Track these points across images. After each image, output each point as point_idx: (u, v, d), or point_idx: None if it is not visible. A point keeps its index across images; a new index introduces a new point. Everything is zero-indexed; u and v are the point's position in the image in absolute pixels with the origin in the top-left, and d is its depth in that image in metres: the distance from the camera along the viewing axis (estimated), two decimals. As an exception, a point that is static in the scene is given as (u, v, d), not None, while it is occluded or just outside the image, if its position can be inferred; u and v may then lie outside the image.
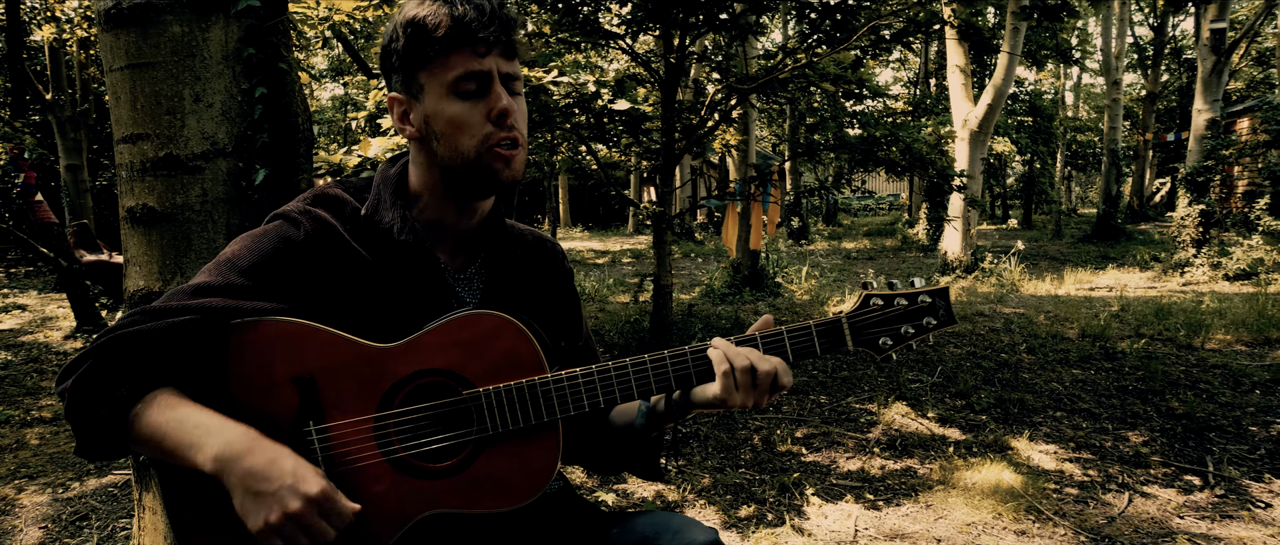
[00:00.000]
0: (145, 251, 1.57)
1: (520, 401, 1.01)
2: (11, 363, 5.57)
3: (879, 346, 1.07)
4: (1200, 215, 9.18)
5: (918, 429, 3.81)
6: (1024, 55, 10.26)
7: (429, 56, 1.03)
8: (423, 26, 1.02)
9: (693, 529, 0.99)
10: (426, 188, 1.13)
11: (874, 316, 1.08)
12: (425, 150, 1.10)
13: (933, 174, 5.43)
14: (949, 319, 1.09)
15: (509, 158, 1.06)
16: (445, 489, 1.01)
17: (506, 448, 1.02)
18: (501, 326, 1.03)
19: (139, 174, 1.55)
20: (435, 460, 1.02)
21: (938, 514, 2.88)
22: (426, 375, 1.02)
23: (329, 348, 1.01)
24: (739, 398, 1.01)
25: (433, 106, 1.05)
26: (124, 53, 1.54)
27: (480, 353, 1.02)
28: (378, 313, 1.06)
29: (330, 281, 1.05)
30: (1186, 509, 2.91)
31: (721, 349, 1.02)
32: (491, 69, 1.04)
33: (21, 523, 2.95)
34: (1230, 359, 4.84)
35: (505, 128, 1.05)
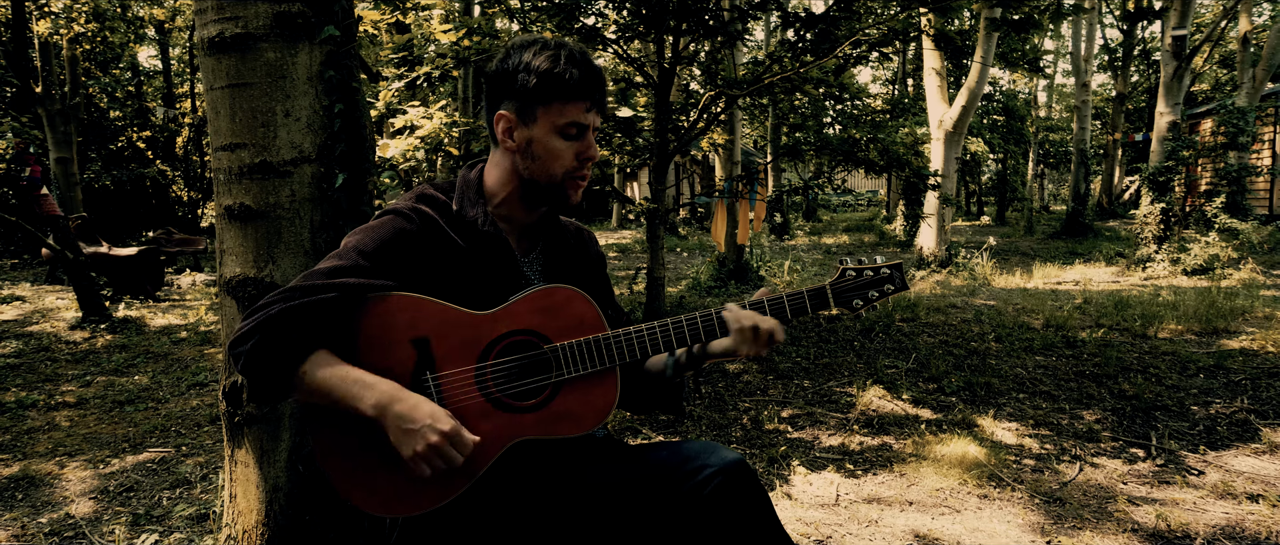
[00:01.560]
0: (241, 243, 1.84)
1: (588, 353, 1.31)
2: (24, 352, 5.75)
3: (853, 306, 1.38)
4: (1161, 213, 9.64)
5: (893, 409, 4.15)
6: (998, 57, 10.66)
7: (551, 99, 1.33)
8: (559, 77, 1.32)
9: (724, 450, 1.29)
10: (503, 189, 1.42)
11: (849, 284, 1.39)
12: (515, 163, 1.39)
13: (908, 173, 5.77)
14: (903, 285, 1.41)
15: (579, 188, 1.40)
16: (530, 421, 1.30)
17: (577, 388, 1.32)
18: (572, 297, 1.33)
19: (237, 177, 1.82)
20: (522, 399, 1.31)
21: (910, 482, 3.22)
22: (515, 334, 1.32)
23: (437, 314, 1.30)
24: (746, 349, 1.32)
25: (540, 135, 1.35)
26: (225, 74, 1.81)
27: (556, 316, 1.32)
28: (467, 286, 1.35)
29: (433, 262, 1.34)
30: (1130, 476, 3.26)
31: (733, 311, 1.33)
32: (590, 121, 1.36)
33: (72, 494, 3.19)
34: (1180, 346, 5.24)
35: (583, 167, 1.38)
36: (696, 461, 1.23)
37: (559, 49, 1.33)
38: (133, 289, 8.25)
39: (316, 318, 1.24)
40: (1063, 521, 2.82)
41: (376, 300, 1.29)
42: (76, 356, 5.65)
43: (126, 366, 5.37)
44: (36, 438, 3.90)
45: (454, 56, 4.73)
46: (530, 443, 1.32)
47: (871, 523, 2.83)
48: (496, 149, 1.43)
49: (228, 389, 1.89)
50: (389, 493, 1.26)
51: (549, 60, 1.32)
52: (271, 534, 1.85)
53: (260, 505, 1.86)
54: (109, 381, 4.97)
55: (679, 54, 5.02)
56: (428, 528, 1.32)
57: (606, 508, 1.28)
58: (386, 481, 1.27)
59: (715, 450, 1.26)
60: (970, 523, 2.82)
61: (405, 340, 1.29)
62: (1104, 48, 21.85)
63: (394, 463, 1.26)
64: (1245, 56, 13.85)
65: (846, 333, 5.84)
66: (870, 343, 5.55)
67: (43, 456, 3.63)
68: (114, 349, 5.84)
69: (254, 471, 1.87)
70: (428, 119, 4.07)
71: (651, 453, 1.34)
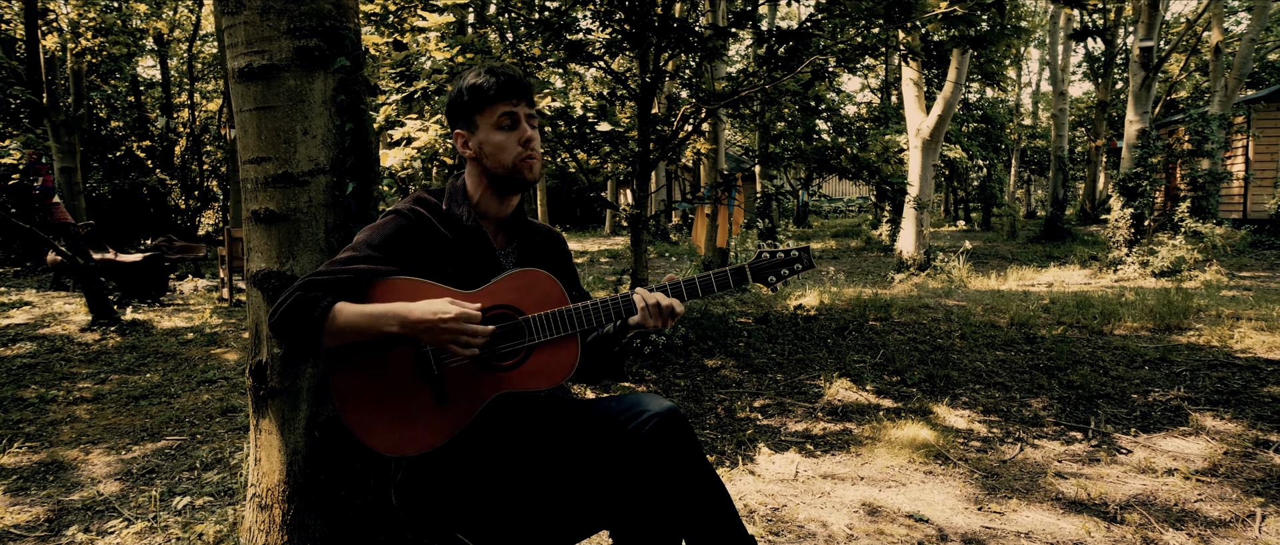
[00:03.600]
0: (266, 242, 2.15)
1: (555, 322, 1.63)
2: (39, 352, 6.04)
3: (769, 281, 1.70)
4: (1131, 218, 10.00)
5: (857, 399, 4.47)
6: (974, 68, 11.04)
7: (482, 105, 1.68)
8: (480, 88, 1.68)
9: (661, 399, 1.60)
10: (479, 191, 1.75)
11: (765, 264, 1.71)
12: (479, 166, 1.73)
13: (878, 180, 6.10)
14: (810, 264, 1.73)
15: (531, 166, 1.71)
16: (510, 377, 1.62)
17: (547, 351, 1.64)
18: (541, 277, 1.66)
19: (262, 186, 2.14)
20: (502, 361, 1.63)
21: (864, 461, 3.54)
22: (496, 308, 1.64)
23: (432, 293, 1.62)
24: (651, 322, 1.63)
25: (484, 136, 1.69)
26: (252, 99, 2.13)
27: (529, 293, 1.64)
28: (455, 271, 1.67)
29: (427, 252, 1.66)
30: (1065, 456, 3.58)
31: (640, 293, 1.64)
32: (519, 112, 1.69)
33: (98, 476, 3.49)
34: (1131, 342, 5.57)
35: (528, 148, 1.70)
36: (638, 408, 1.54)
37: (483, 69, 1.70)
38: (138, 294, 8.53)
39: (335, 288, 1.56)
40: (995, 493, 3.14)
41: (382, 282, 1.61)
42: (89, 356, 5.94)
43: (138, 365, 5.66)
44: (59, 428, 4.19)
45: (449, 72, 5.04)
46: (509, 395, 1.64)
47: (824, 494, 3.14)
48: (466, 163, 1.76)
49: (254, 367, 2.20)
50: (398, 436, 1.58)
51: (474, 77, 1.69)
52: (292, 490, 2.16)
53: (282, 466, 2.17)
54: (122, 379, 5.26)
55: (660, 69, 5.35)
56: (426, 467, 1.64)
57: (568, 446, 1.59)
58: (396, 428, 1.58)
59: (655, 399, 1.57)
60: (913, 494, 3.13)
61: (407, 315, 1.61)
62: (1086, 56, 22.31)
63: (401, 412, 1.58)
64: (1218, 65, 14.28)
65: (821, 331, 6.17)
66: (843, 340, 5.88)
67: (67, 444, 3.92)
68: (124, 349, 6.13)
69: (276, 437, 2.17)
70: (424, 131, 4.38)
71: (603, 403, 1.65)
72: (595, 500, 1.58)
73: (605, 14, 5.33)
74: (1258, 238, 12.46)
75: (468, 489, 1.62)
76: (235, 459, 3.62)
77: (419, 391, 1.59)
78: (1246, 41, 13.67)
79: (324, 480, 2.15)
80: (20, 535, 2.82)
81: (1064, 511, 2.94)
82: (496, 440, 1.64)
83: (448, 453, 1.62)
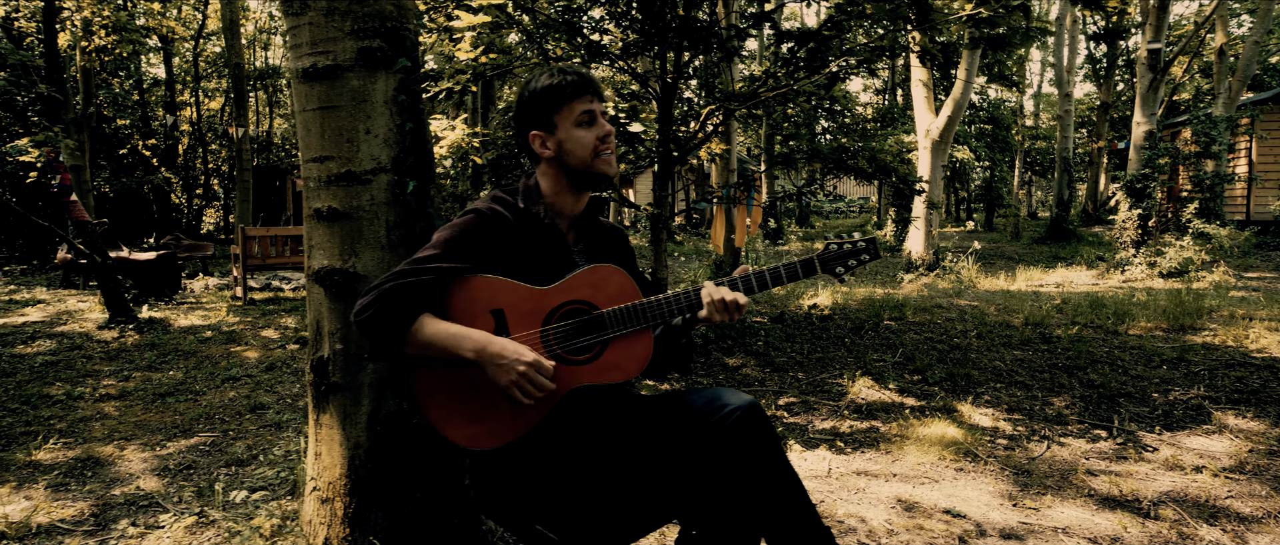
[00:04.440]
0: (328, 240, 2.19)
1: (630, 316, 1.67)
2: (59, 350, 6.06)
3: (836, 272, 1.74)
4: (1139, 219, 10.06)
5: (880, 398, 4.51)
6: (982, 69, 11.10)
7: (560, 104, 1.72)
8: (558, 87, 1.73)
9: (742, 394, 1.63)
10: (553, 189, 1.79)
11: (833, 254, 1.74)
12: (557, 164, 1.76)
13: (895, 180, 6.15)
14: (876, 255, 1.76)
15: (610, 161, 1.77)
16: (585, 372, 1.66)
17: (622, 344, 1.67)
18: (615, 272, 1.70)
19: (325, 184, 2.17)
20: (578, 355, 1.67)
21: (894, 458, 3.58)
22: (571, 304, 1.67)
23: (509, 290, 1.65)
24: (717, 316, 1.67)
25: (565, 134, 1.73)
26: (316, 98, 2.16)
27: (603, 288, 1.68)
28: (531, 268, 1.70)
29: (505, 250, 1.70)
30: (1092, 454, 3.63)
31: (708, 287, 1.68)
32: (596, 109, 1.74)
33: (136, 472, 3.51)
34: (1147, 341, 5.62)
35: (606, 144, 1.74)
36: (720, 401, 1.58)
37: (552, 69, 1.75)
38: (153, 292, 8.55)
39: (419, 292, 1.59)
40: (1028, 489, 3.18)
41: (462, 280, 1.64)
42: (109, 354, 5.96)
43: (159, 363, 5.69)
44: (91, 425, 4.22)
45: (472, 72, 5.08)
46: (584, 389, 1.67)
47: (859, 490, 3.18)
48: (540, 163, 1.80)
49: (314, 362, 2.24)
50: (478, 430, 1.61)
51: (547, 78, 1.74)
52: (353, 483, 2.19)
53: (343, 461, 2.20)
54: (145, 377, 5.29)
55: (681, 68, 5.39)
56: (504, 460, 1.67)
57: (644, 438, 1.63)
58: (476, 422, 1.62)
59: (735, 393, 1.61)
60: (947, 490, 3.17)
61: (485, 311, 1.64)
62: (1088, 59, 22.39)
63: (480, 408, 1.61)
64: (1223, 67, 14.35)
65: (837, 330, 6.21)
66: (860, 339, 5.92)
67: (101, 440, 3.95)
68: (144, 347, 6.15)
69: (338, 432, 2.21)
70: (451, 130, 4.42)
71: (680, 396, 1.68)
72: (672, 491, 1.62)
73: (622, 14, 5.37)
74: (1262, 239, 12.54)
75: (546, 481, 1.66)
76: (272, 454, 3.65)
77: (496, 389, 1.62)
78: (1250, 44, 13.74)
79: (385, 474, 2.19)
80: (68, 530, 2.85)
81: (1098, 507, 2.98)
82: (573, 433, 1.67)
83: (526, 446, 1.65)
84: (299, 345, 6.15)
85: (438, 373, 1.62)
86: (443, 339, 1.56)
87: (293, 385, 5.03)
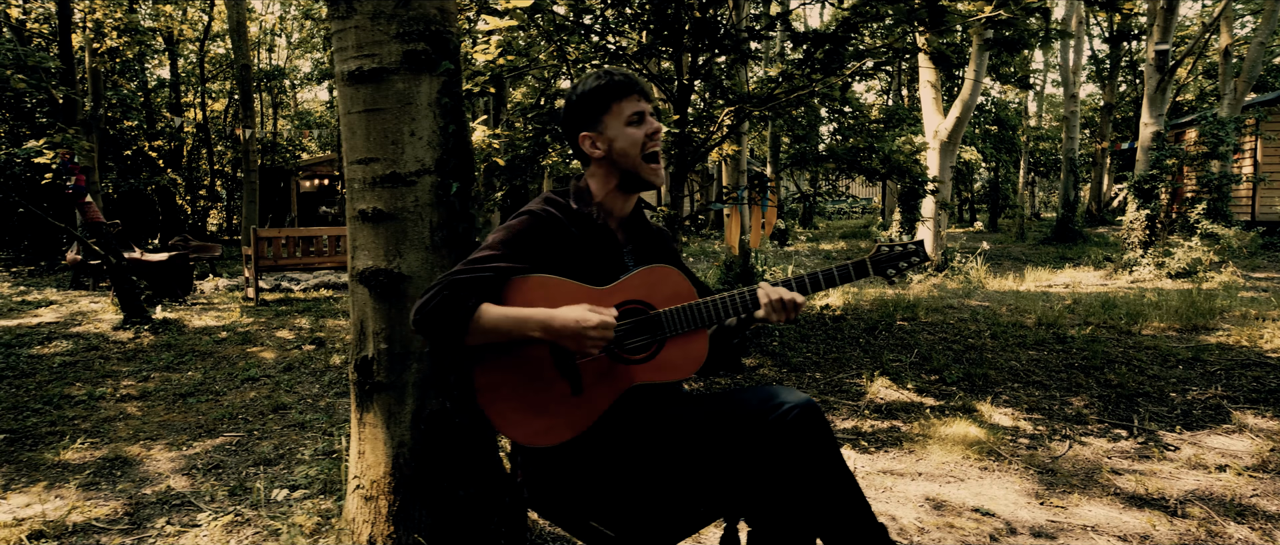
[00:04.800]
0: (372, 240, 2.21)
1: (686, 316, 1.69)
2: (76, 351, 6.08)
3: (887, 274, 1.76)
4: (1146, 219, 10.08)
5: (899, 397, 4.53)
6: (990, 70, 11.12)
7: (609, 104, 1.74)
8: (605, 88, 1.75)
9: (798, 392, 1.65)
10: (603, 190, 1.81)
11: (884, 257, 1.77)
12: (606, 165, 1.78)
13: (908, 181, 6.17)
14: (925, 257, 1.79)
15: (658, 161, 1.80)
16: (642, 370, 1.68)
17: (678, 344, 1.69)
18: (671, 273, 1.72)
19: (370, 186, 2.19)
20: (634, 354, 1.69)
21: (919, 457, 3.60)
22: (628, 303, 1.69)
23: (566, 289, 1.68)
24: (775, 316, 1.70)
25: (614, 133, 1.75)
26: (361, 101, 2.18)
27: (659, 289, 1.70)
28: (584, 268, 1.73)
29: (559, 250, 1.72)
30: (1114, 453, 3.65)
31: (764, 288, 1.70)
32: (645, 108, 1.76)
33: (164, 471, 3.54)
34: (1161, 342, 5.64)
35: (655, 140, 1.77)
36: (777, 398, 1.60)
37: (598, 72, 1.78)
38: (164, 292, 8.57)
39: (479, 286, 1.61)
40: (1054, 488, 3.20)
41: (519, 280, 1.67)
42: (127, 355, 5.98)
43: (177, 363, 5.71)
44: (114, 425, 4.24)
45: (490, 73, 5.10)
46: (640, 387, 1.69)
47: (887, 489, 3.20)
48: (590, 164, 1.82)
49: (359, 362, 2.26)
50: (537, 427, 1.64)
51: (594, 80, 1.76)
52: (397, 482, 2.21)
53: (387, 459, 2.22)
54: (165, 377, 5.31)
55: (697, 70, 5.41)
56: (560, 457, 1.69)
57: (699, 435, 1.65)
58: (535, 419, 1.64)
59: (790, 391, 1.63)
60: (974, 489, 3.19)
61: (543, 311, 1.66)
62: (1092, 59, 22.42)
63: (540, 405, 1.63)
64: (1227, 68, 14.37)
65: (851, 330, 6.23)
66: (874, 340, 5.94)
67: (126, 440, 3.97)
68: (160, 348, 6.18)
69: (382, 431, 2.23)
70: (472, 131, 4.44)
71: (735, 394, 1.71)
72: (724, 488, 1.64)
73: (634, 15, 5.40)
74: (1268, 239, 12.56)
75: (601, 477, 1.68)
76: (300, 454, 3.67)
77: (556, 384, 1.65)
78: (1255, 45, 13.76)
79: (429, 472, 2.21)
80: (104, 528, 2.88)
81: (1125, 506, 3.01)
82: (628, 430, 1.69)
83: (583, 443, 1.67)
84: (315, 346, 6.17)
85: (497, 370, 1.64)
86: (506, 323, 1.58)
87: (312, 386, 5.05)
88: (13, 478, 3.42)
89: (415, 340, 2.20)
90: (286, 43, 26.25)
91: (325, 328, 6.97)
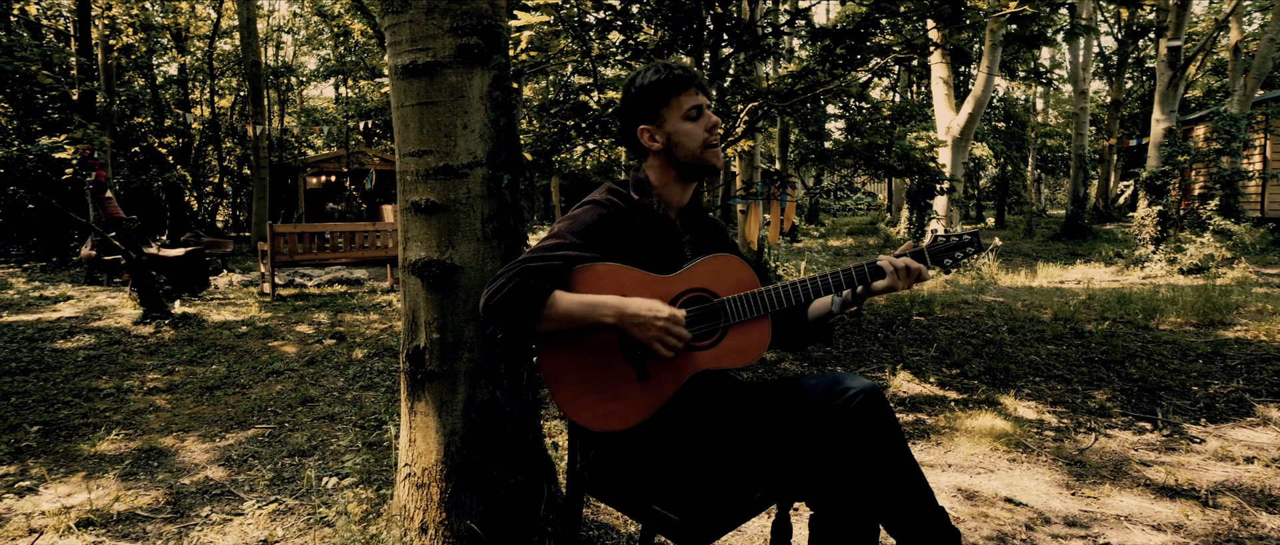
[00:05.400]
0: (425, 232, 2.24)
1: (750, 304, 1.72)
2: (99, 345, 6.12)
3: (944, 264, 1.78)
4: (1158, 215, 10.09)
5: (922, 391, 4.56)
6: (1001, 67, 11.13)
7: (668, 98, 1.77)
8: (665, 82, 1.78)
9: (862, 378, 1.68)
10: (663, 182, 1.85)
11: (942, 246, 1.79)
12: (665, 157, 1.81)
13: (925, 177, 6.19)
14: (981, 248, 1.81)
15: (717, 151, 1.82)
16: (706, 357, 1.71)
17: (741, 331, 1.72)
18: (734, 262, 1.75)
19: (423, 178, 2.23)
20: (699, 340, 1.72)
21: (946, 449, 3.63)
22: (692, 292, 1.73)
23: (633, 278, 1.71)
24: (901, 284, 1.71)
25: (673, 127, 1.78)
26: (414, 94, 2.21)
27: (723, 277, 1.73)
28: (646, 257, 1.76)
29: (623, 240, 1.75)
30: (1140, 445, 3.68)
31: (888, 259, 1.73)
32: (702, 102, 1.79)
33: (200, 462, 3.57)
34: (1179, 336, 5.66)
35: (713, 135, 1.79)
36: (841, 384, 1.63)
37: (656, 65, 1.80)
38: (182, 287, 8.62)
39: (549, 274, 1.64)
40: (1084, 479, 3.23)
41: (586, 268, 1.70)
42: (149, 349, 6.03)
43: (200, 357, 5.75)
44: (145, 417, 4.28)
45: (513, 70, 5.13)
46: (704, 373, 1.73)
47: (918, 480, 3.23)
48: (648, 156, 1.85)
49: (411, 351, 2.29)
50: (604, 412, 1.67)
51: (654, 72, 1.79)
52: (449, 469, 2.25)
53: (439, 447, 2.26)
54: (189, 371, 5.35)
55: (718, 66, 5.44)
56: (624, 443, 1.73)
57: (761, 421, 1.68)
58: (602, 404, 1.67)
59: (854, 377, 1.66)
60: (1004, 480, 3.22)
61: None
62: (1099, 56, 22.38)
63: (608, 389, 1.67)
64: (1237, 65, 14.36)
65: (869, 325, 6.26)
66: (893, 334, 5.97)
67: (159, 432, 4.01)
68: (182, 342, 6.22)
69: (433, 419, 2.26)
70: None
71: (798, 380, 1.74)
72: (786, 472, 1.67)
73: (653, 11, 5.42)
74: (1278, 235, 12.55)
75: (665, 462, 1.71)
76: (333, 446, 3.71)
77: (623, 370, 1.68)
78: (1265, 41, 13.74)
79: (480, 460, 2.24)
80: (147, 517, 2.91)
81: (1156, 496, 3.04)
82: (692, 415, 1.73)
83: (647, 428, 1.70)
84: (336, 340, 6.21)
85: (564, 355, 1.67)
86: (579, 309, 1.61)
87: (336, 379, 5.09)
88: (51, 468, 3.46)
89: (467, 330, 2.24)
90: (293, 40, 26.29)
91: (344, 322, 7.01)
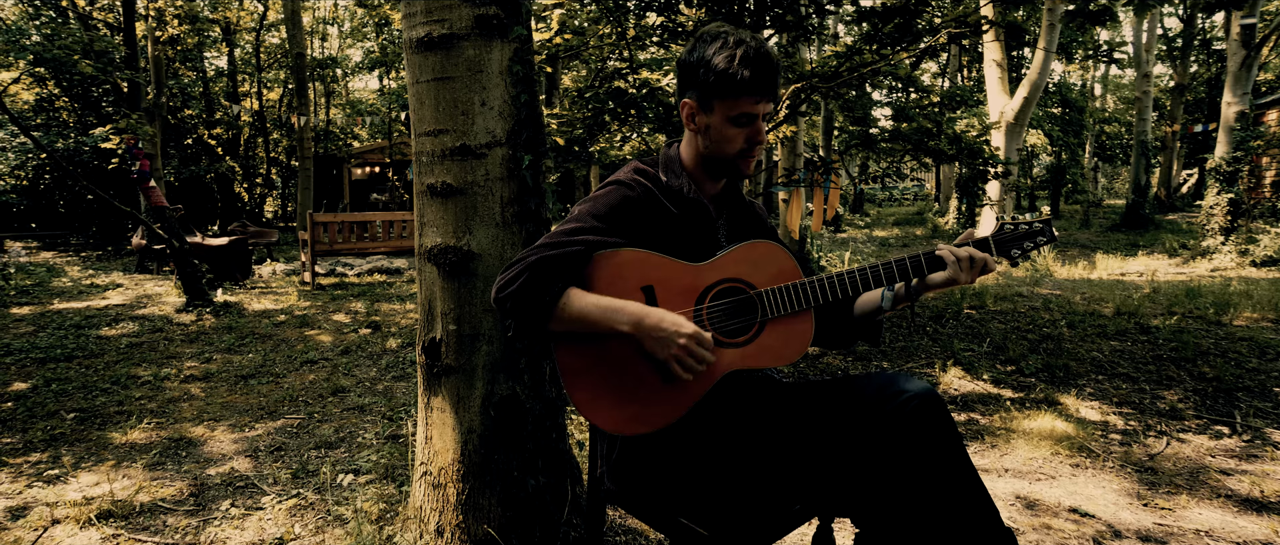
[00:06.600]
0: (442, 216, 2.10)
1: (789, 296, 1.54)
2: (142, 332, 6.19)
3: (1011, 255, 1.57)
4: (1229, 204, 9.53)
5: (974, 388, 4.30)
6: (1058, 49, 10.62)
7: (724, 94, 1.53)
8: (732, 78, 1.51)
9: (919, 380, 1.50)
10: (695, 164, 1.67)
11: (1008, 235, 1.58)
12: (698, 142, 1.63)
13: (980, 162, 5.88)
14: (1052, 237, 1.59)
15: (750, 164, 1.63)
16: (740, 354, 1.54)
17: (780, 326, 1.54)
18: (774, 250, 1.57)
19: (439, 159, 2.09)
20: (733, 336, 1.55)
21: (1002, 452, 3.39)
22: (726, 282, 1.55)
23: (660, 265, 1.54)
24: (964, 276, 1.53)
25: (716, 123, 1.57)
26: (430, 69, 2.07)
27: (760, 267, 1.55)
28: (676, 243, 1.59)
29: (650, 223, 1.58)
30: (1217, 451, 3.38)
31: (948, 249, 1.53)
32: (758, 110, 1.56)
33: (227, 452, 3.53)
34: (1257, 333, 5.28)
35: (754, 148, 1.59)
36: (896, 386, 1.44)
37: (737, 48, 1.51)
38: (224, 276, 8.73)
39: (567, 264, 1.49)
40: (1157, 488, 2.97)
41: (609, 254, 1.53)
42: (189, 337, 6.07)
43: (238, 346, 5.76)
44: (179, 406, 4.27)
45: (547, 53, 4.99)
46: (738, 373, 1.55)
47: (972, 486, 3.00)
48: (686, 131, 1.67)
49: (427, 344, 2.16)
50: (625, 414, 1.51)
51: (726, 60, 1.50)
52: (466, 469, 2.11)
53: (456, 445, 2.12)
54: (226, 359, 5.36)
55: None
56: (647, 448, 1.56)
57: (804, 427, 1.50)
58: (623, 406, 1.51)
59: (910, 378, 1.47)
60: (1068, 488, 2.98)
61: (635, 287, 1.53)
62: (1162, 37, 21.37)
63: (630, 390, 1.51)
64: (1315, 45, 13.50)
65: (917, 318, 5.98)
66: (943, 328, 5.69)
67: (190, 421, 3.99)
68: (221, 330, 6.25)
69: (450, 416, 2.13)
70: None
71: (849, 381, 1.55)
72: (827, 482, 1.49)
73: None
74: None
75: (694, 471, 1.55)
76: (361, 438, 3.63)
77: (645, 370, 1.51)
78: (1348, 19, 12.88)
79: (499, 460, 2.10)
80: (170, 509, 2.86)
81: (1239, 509, 2.76)
82: (724, 419, 1.56)
83: (674, 432, 1.54)
84: (371, 330, 6.18)
85: (583, 351, 1.52)
86: (595, 313, 1.45)
87: (369, 369, 5.04)
88: (83, 457, 3.45)
89: (485, 321, 2.10)
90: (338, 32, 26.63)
91: (380, 312, 6.98)
